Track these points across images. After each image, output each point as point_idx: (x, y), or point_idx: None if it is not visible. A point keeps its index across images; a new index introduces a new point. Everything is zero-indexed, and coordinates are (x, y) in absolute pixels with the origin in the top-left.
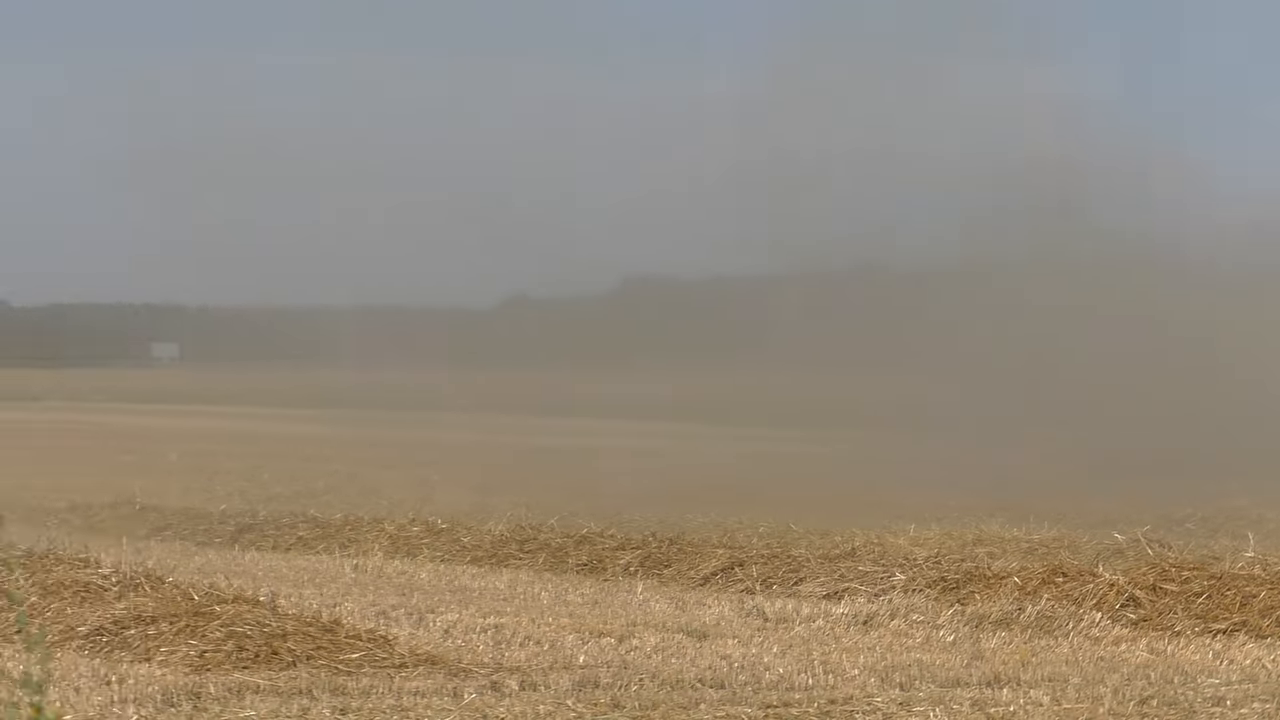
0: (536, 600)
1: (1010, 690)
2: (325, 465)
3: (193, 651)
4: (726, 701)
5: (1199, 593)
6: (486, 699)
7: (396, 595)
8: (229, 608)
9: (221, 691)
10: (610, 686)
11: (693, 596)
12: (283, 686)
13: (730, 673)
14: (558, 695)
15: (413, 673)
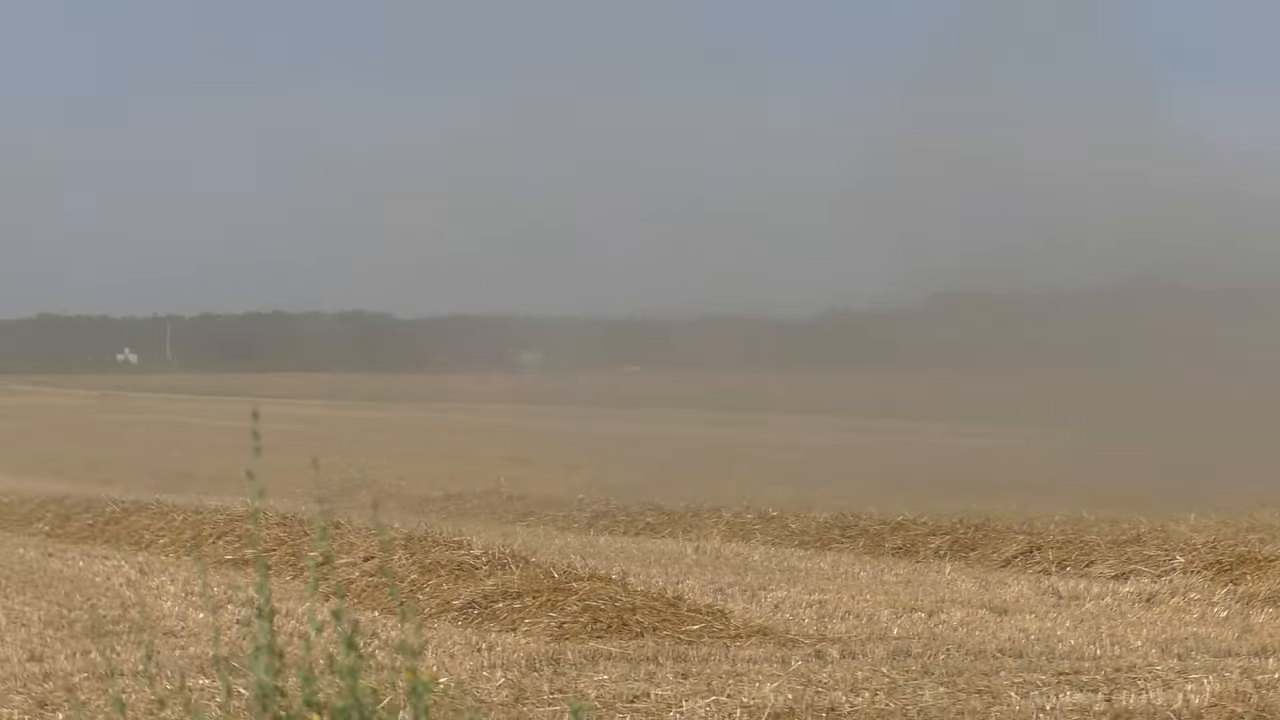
0: (856, 579)
1: (1276, 660)
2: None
3: (553, 623)
4: (1024, 669)
5: None
6: (811, 665)
7: (732, 574)
8: (585, 584)
9: (578, 658)
10: (920, 655)
11: (995, 577)
12: (632, 654)
13: (1027, 644)
14: (874, 663)
15: (746, 642)
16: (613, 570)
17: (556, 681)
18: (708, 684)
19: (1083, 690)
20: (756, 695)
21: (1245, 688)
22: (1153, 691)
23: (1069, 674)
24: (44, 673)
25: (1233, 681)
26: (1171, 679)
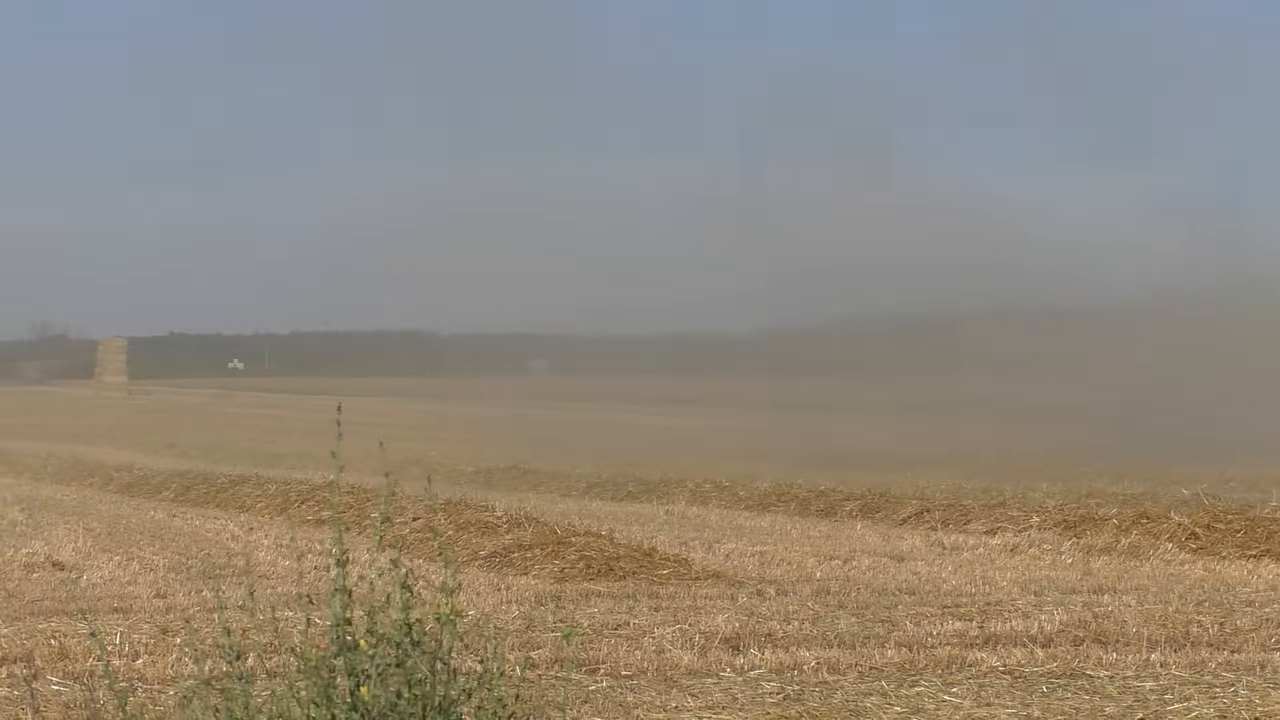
0: (788, 535)
1: (1109, 596)
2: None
3: (556, 569)
4: (916, 604)
5: (1239, 529)
6: (753, 601)
7: (694, 531)
8: (581, 539)
9: (575, 596)
10: (838, 594)
11: (895, 532)
12: (616, 592)
13: (919, 584)
14: (802, 599)
15: (704, 583)
16: (602, 528)
17: (558, 614)
18: (674, 615)
19: (961, 620)
20: (712, 623)
21: (1086, 617)
22: (1015, 620)
23: (951, 607)
24: (167, 606)
25: (1076, 612)
26: (1029, 611)
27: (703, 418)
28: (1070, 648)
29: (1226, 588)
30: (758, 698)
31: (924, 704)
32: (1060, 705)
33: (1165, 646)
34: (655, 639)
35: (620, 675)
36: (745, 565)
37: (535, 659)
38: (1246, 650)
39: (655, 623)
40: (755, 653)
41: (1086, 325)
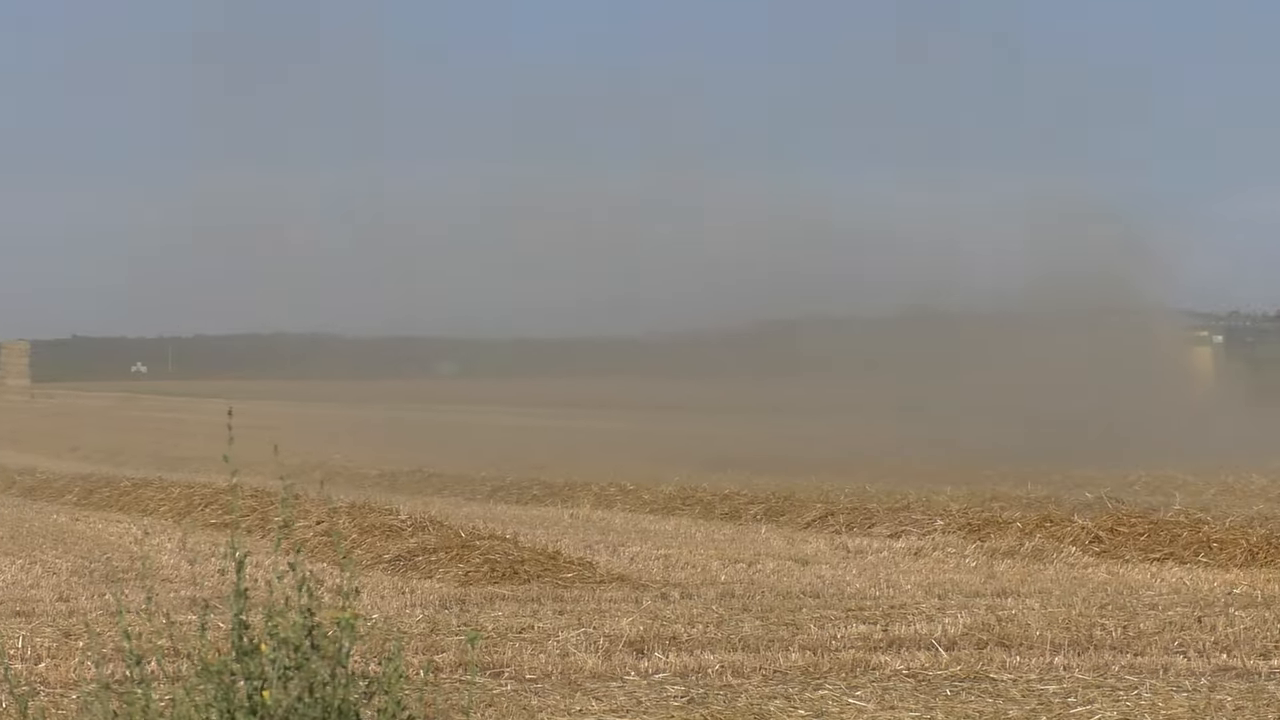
0: (693, 538)
1: (1013, 599)
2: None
3: (460, 572)
4: (820, 607)
5: (1142, 533)
6: (658, 604)
7: (598, 534)
8: (485, 542)
9: (479, 599)
10: (742, 596)
11: (799, 536)
12: (520, 596)
13: (823, 587)
14: (706, 602)
15: (608, 587)
16: (507, 531)
17: (462, 617)
18: (579, 618)
19: (866, 623)
20: (616, 627)
21: (989, 620)
22: (919, 623)
23: (855, 610)
24: (69, 610)
25: (980, 616)
26: (933, 614)
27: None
28: (974, 651)
29: (1130, 591)
30: (662, 701)
31: (828, 707)
32: (964, 708)
33: (1069, 650)
34: (560, 642)
35: (524, 679)
36: (650, 568)
37: (439, 662)
38: (1149, 653)
39: (560, 626)
40: (660, 656)
41: (957, 328)
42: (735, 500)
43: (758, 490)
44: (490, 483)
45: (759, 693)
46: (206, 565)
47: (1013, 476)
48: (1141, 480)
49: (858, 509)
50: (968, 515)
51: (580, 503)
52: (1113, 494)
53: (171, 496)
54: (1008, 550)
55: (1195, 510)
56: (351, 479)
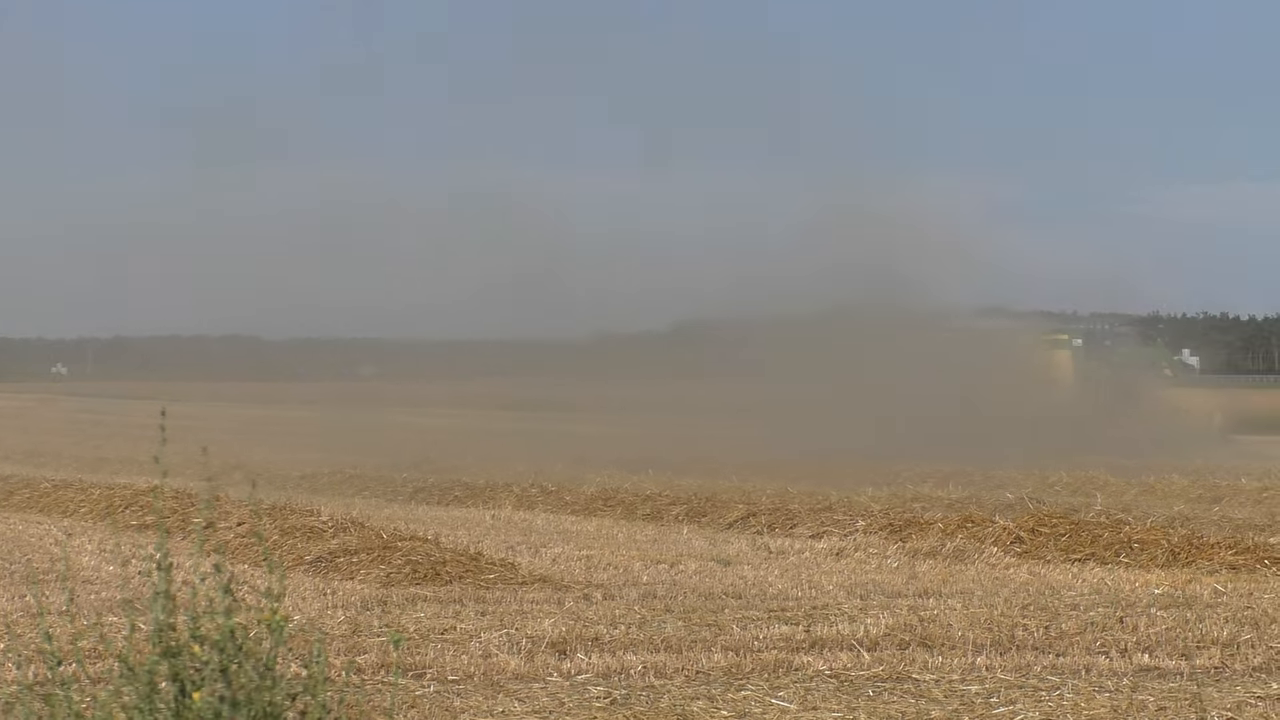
0: (615, 539)
1: (935, 599)
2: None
3: (382, 573)
4: (743, 608)
5: (1063, 533)
6: (580, 605)
7: (520, 535)
8: (407, 543)
9: (401, 600)
10: (664, 597)
11: (721, 536)
12: (443, 597)
13: (745, 588)
14: (628, 603)
15: (530, 588)
16: (428, 532)
17: (384, 618)
18: (501, 619)
19: (788, 624)
20: (539, 628)
21: (911, 621)
22: (841, 624)
23: (777, 611)
24: None
25: (902, 616)
26: (855, 615)
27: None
28: (896, 651)
29: (1051, 591)
30: (585, 702)
31: (751, 708)
32: (886, 709)
33: (990, 650)
34: (482, 643)
35: (447, 680)
36: (572, 569)
37: (361, 664)
38: (1071, 653)
39: (482, 627)
40: (582, 657)
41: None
42: (657, 501)
43: (680, 491)
44: (412, 484)
45: (682, 694)
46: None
47: (933, 477)
48: (1063, 481)
49: (779, 509)
50: (889, 516)
51: (502, 504)
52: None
53: (92, 498)
54: (929, 551)
55: (1116, 511)
56: (273, 480)
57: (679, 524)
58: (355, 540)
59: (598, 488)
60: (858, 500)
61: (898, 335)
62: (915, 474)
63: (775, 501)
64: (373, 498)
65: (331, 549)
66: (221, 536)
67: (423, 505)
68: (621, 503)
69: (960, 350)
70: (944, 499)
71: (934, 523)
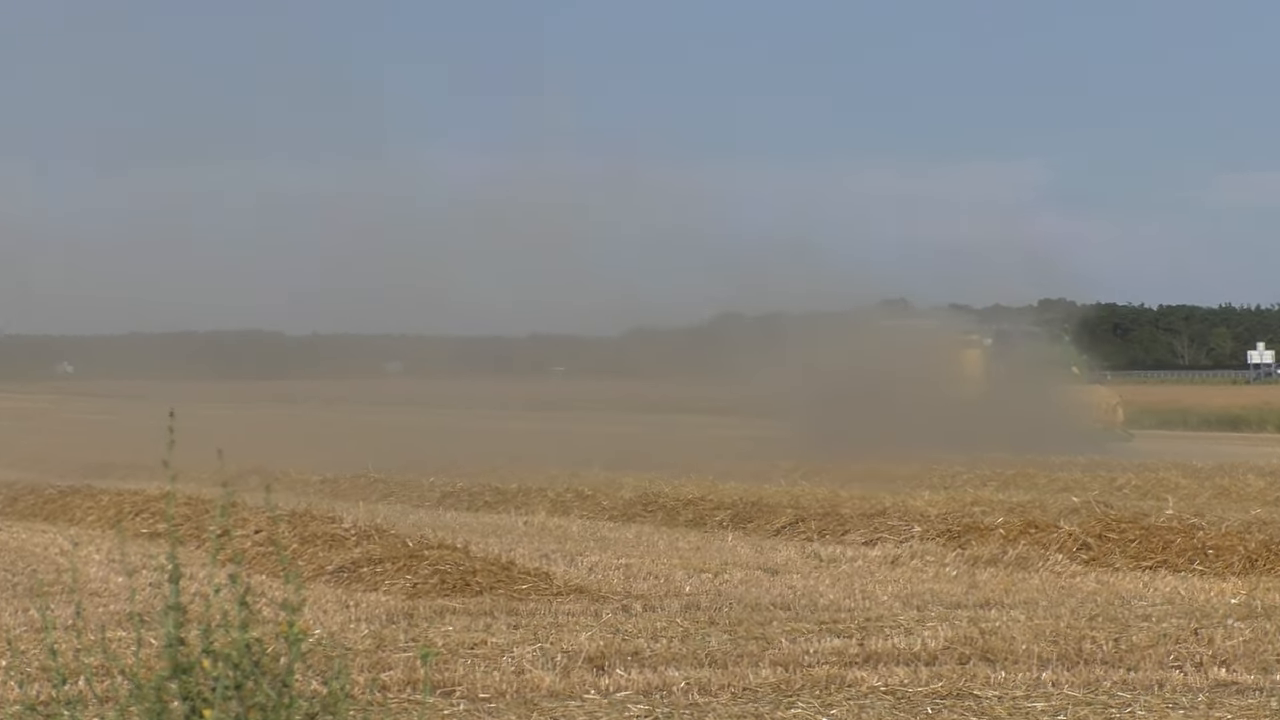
0: (655, 546)
1: (996, 610)
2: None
3: (408, 584)
4: (791, 619)
5: (1132, 539)
6: (619, 617)
7: (554, 543)
8: (434, 552)
9: (429, 612)
10: (708, 609)
11: (768, 544)
12: (473, 609)
13: (794, 599)
14: (670, 615)
15: (566, 599)
16: (457, 540)
17: (411, 632)
18: (534, 633)
19: (840, 636)
20: (574, 642)
21: (972, 633)
22: (897, 637)
23: (829, 623)
24: None
25: (962, 628)
26: (912, 627)
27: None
28: (956, 666)
29: (1121, 601)
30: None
31: None
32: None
33: (1057, 664)
34: (514, 658)
35: (477, 698)
36: (610, 579)
37: (386, 681)
38: (1143, 668)
39: (514, 641)
40: (621, 673)
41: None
42: (700, 506)
43: (723, 495)
44: (439, 488)
45: (727, 712)
46: (139, 578)
47: (994, 479)
48: (1131, 483)
49: (830, 514)
50: (947, 521)
51: (535, 509)
52: (1101, 498)
53: (100, 505)
54: (990, 558)
55: (1189, 515)
56: (292, 485)
57: (723, 530)
58: (380, 549)
59: (636, 492)
60: (913, 504)
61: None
62: (975, 476)
63: (825, 506)
64: (398, 503)
65: (354, 558)
66: (238, 545)
67: (451, 511)
68: (662, 507)
69: (870, 348)
70: (1005, 503)
71: (995, 528)
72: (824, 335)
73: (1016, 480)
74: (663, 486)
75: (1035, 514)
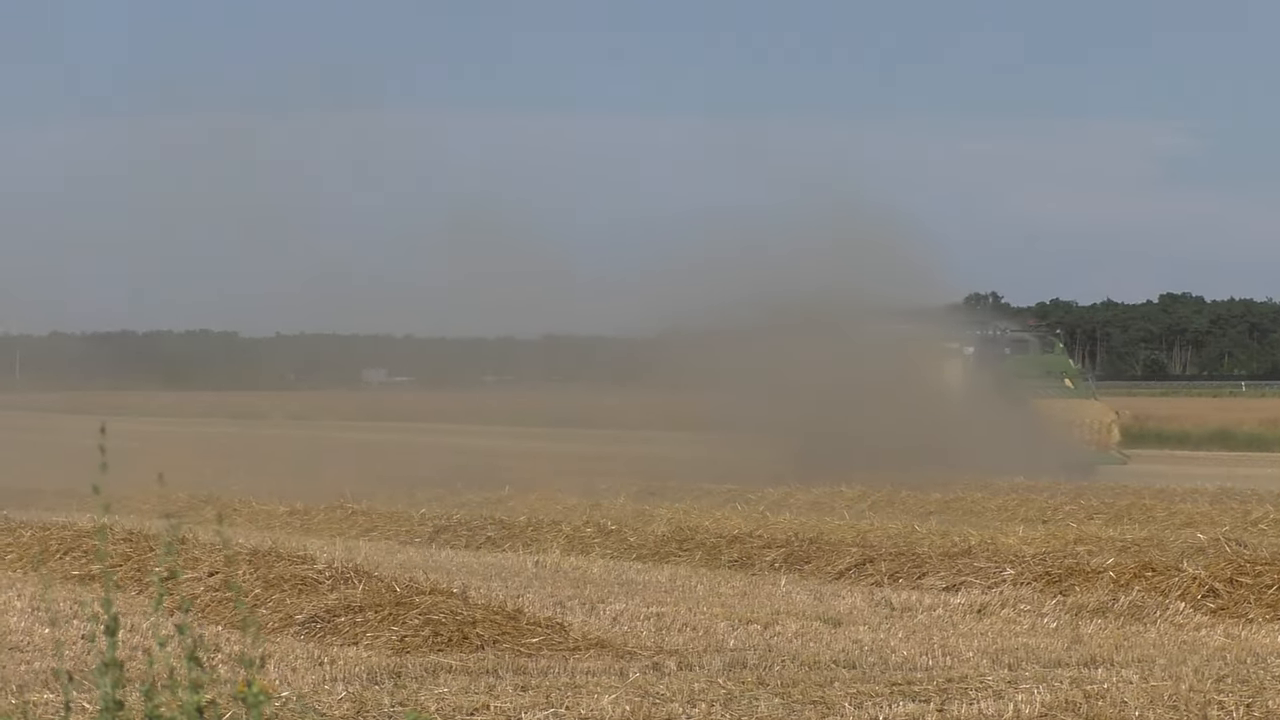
0: (693, 592)
1: (1105, 670)
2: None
3: (394, 636)
4: (857, 680)
5: (1270, 584)
6: (649, 677)
7: (571, 587)
8: (427, 598)
9: (419, 671)
10: (757, 667)
11: (829, 589)
12: (472, 667)
13: (861, 655)
14: (710, 674)
15: (585, 655)
16: (454, 584)
17: (397, 694)
18: (546, 696)
19: (915, 700)
20: (595, 707)
21: (1075, 697)
22: (984, 701)
23: (902, 684)
24: None
25: (1063, 691)
26: (1002, 689)
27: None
28: None
29: (1254, 659)
30: None
31: None
32: None
33: None
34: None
35: None
36: (638, 631)
37: None
38: None
39: (523, 706)
40: None
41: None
42: (746, 543)
43: (775, 531)
44: (433, 521)
45: None
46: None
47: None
48: (1269, 517)
49: (903, 554)
50: (1045, 562)
51: (548, 547)
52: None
53: (21, 541)
54: (1097, 607)
55: None
56: (253, 516)
57: (774, 572)
58: (360, 594)
59: (670, 526)
60: (1004, 542)
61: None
62: (1079, 508)
63: (898, 544)
64: (382, 539)
65: (330, 605)
66: (188, 590)
67: (447, 549)
68: (700, 545)
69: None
70: (1116, 540)
71: (1103, 571)
72: (772, 344)
73: (1130, 513)
74: (701, 520)
75: (1152, 554)
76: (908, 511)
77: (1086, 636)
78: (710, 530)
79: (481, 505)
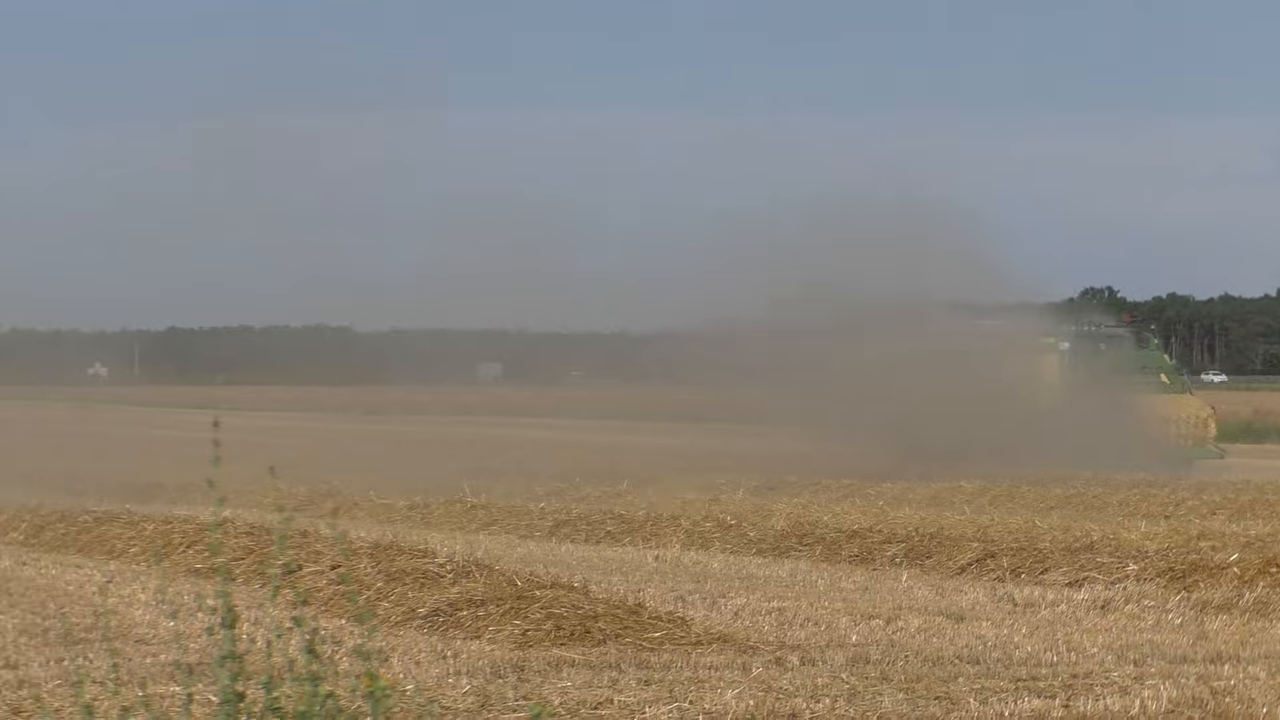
0: (813, 587)
1: (1230, 666)
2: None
3: (516, 630)
4: (981, 676)
5: None
6: (771, 672)
7: (692, 582)
8: (548, 592)
9: (542, 665)
10: (879, 662)
11: (950, 584)
12: (595, 661)
13: (984, 650)
14: (833, 669)
15: (707, 649)
16: (574, 578)
17: (521, 688)
18: (670, 690)
19: (1040, 696)
20: (718, 701)
21: (1202, 694)
22: (1110, 698)
23: (1026, 680)
24: (18, 680)
25: (1189, 688)
26: (1128, 685)
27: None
28: None
29: None
30: None
31: None
32: None
33: None
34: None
35: None
36: (760, 626)
37: None
38: None
39: (646, 700)
40: None
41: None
42: (867, 538)
43: (895, 525)
44: (552, 516)
45: None
46: (190, 622)
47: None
48: None
49: (1025, 549)
50: (1169, 558)
51: (668, 541)
52: None
53: (144, 535)
54: (1222, 603)
55: None
56: (373, 511)
57: (895, 567)
58: (482, 588)
59: (789, 521)
60: (1127, 537)
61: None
62: (1202, 503)
63: (1019, 539)
64: (502, 533)
65: (451, 599)
66: (309, 583)
67: (566, 543)
68: (821, 540)
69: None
70: (1240, 535)
71: (1228, 566)
72: (869, 337)
73: (1253, 508)
74: (821, 515)
75: (1277, 550)
76: (1028, 507)
77: (1211, 633)
78: (830, 525)
79: (600, 500)
